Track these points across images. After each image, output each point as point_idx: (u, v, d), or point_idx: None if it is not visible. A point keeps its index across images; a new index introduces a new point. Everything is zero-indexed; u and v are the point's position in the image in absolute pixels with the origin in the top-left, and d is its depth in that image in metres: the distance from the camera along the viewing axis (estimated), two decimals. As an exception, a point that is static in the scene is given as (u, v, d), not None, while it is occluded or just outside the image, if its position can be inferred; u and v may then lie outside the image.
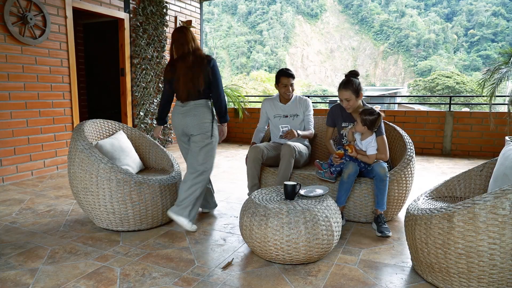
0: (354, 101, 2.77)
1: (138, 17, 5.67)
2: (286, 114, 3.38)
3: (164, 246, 2.43)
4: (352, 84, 2.75)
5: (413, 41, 75.70)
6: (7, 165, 4.03)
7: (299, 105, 3.37)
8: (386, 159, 2.73)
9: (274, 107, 3.42)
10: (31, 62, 4.20)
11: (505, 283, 1.67)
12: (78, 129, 2.79)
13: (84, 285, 1.93)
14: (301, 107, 3.37)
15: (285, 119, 3.37)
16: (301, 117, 3.37)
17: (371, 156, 2.68)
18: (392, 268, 2.13)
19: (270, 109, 3.43)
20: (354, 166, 2.66)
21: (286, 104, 3.38)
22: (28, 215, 3.00)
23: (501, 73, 4.93)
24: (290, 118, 3.37)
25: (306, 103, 3.38)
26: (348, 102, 2.79)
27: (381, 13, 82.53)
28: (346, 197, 2.71)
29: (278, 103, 3.41)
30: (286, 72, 3.29)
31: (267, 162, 3.20)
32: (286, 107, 3.38)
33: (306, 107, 3.37)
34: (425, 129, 6.00)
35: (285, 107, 3.38)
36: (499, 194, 1.62)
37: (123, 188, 2.51)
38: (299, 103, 3.38)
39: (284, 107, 3.38)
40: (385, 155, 2.73)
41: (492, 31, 69.82)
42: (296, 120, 3.36)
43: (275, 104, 3.42)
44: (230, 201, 3.42)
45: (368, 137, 2.70)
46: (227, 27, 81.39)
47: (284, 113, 3.38)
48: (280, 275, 2.04)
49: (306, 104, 3.37)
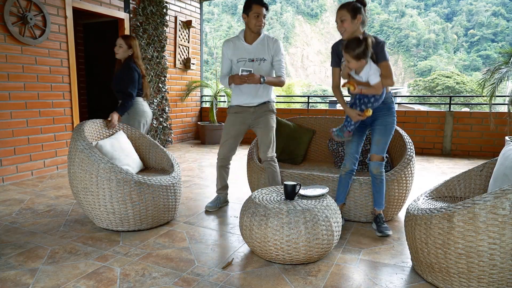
0: (349, 23, 2.38)
1: (138, 17, 5.67)
2: (252, 57, 2.83)
3: (164, 246, 2.43)
4: (349, 4, 2.39)
5: (413, 41, 75.67)
6: (7, 165, 4.03)
7: (267, 47, 2.83)
8: (392, 84, 2.40)
9: (238, 48, 2.86)
10: (31, 62, 4.20)
11: (505, 283, 1.67)
12: (78, 129, 2.79)
13: (84, 285, 1.93)
14: (270, 50, 2.84)
15: (250, 64, 2.83)
16: (268, 62, 2.85)
17: (377, 85, 2.36)
18: (392, 268, 2.13)
19: (233, 51, 2.87)
20: (350, 164, 2.63)
21: (252, 45, 2.83)
22: (28, 215, 3.00)
23: (501, 73, 4.93)
24: (256, 62, 2.83)
25: (277, 45, 2.84)
26: (343, 23, 2.40)
27: (381, 13, 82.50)
28: (344, 194, 2.71)
29: (242, 43, 2.85)
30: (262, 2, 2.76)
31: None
32: (252, 49, 2.83)
33: (276, 50, 2.84)
34: (425, 129, 5.99)
35: (251, 48, 2.83)
36: (499, 194, 1.62)
37: (123, 188, 2.51)
38: (267, 44, 2.84)
39: (250, 49, 2.83)
40: (391, 79, 2.38)
41: (492, 31, 69.80)
42: (263, 65, 2.84)
43: (239, 44, 2.86)
44: (230, 201, 3.42)
45: (365, 67, 2.38)
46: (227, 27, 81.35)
47: (249, 56, 2.83)
48: (280, 275, 2.04)
49: (276, 45, 2.84)
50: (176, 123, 6.89)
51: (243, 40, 2.86)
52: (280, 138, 3.53)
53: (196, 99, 7.54)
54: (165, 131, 6.31)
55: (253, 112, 2.92)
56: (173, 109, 6.72)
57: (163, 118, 6.23)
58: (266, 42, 2.85)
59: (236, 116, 2.96)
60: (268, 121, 2.92)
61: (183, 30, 6.82)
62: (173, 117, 6.75)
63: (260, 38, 2.84)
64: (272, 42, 2.85)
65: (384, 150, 2.57)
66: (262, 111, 2.92)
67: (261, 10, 2.75)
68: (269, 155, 2.92)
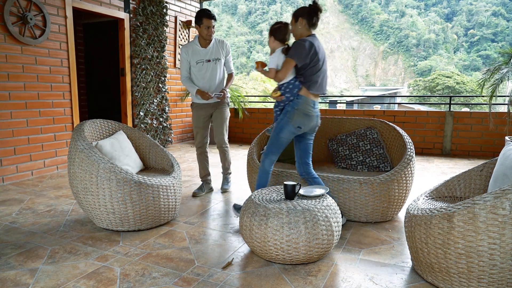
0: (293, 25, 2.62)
1: (138, 17, 5.67)
2: (209, 58, 3.37)
3: (164, 246, 2.43)
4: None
5: (413, 41, 75.66)
6: (7, 165, 4.03)
7: (219, 48, 3.40)
8: (277, 78, 2.58)
9: (195, 52, 3.37)
10: (31, 62, 4.20)
11: (505, 283, 1.67)
12: (78, 129, 2.79)
13: (84, 285, 1.93)
14: (223, 50, 3.42)
15: (207, 64, 3.37)
16: (222, 60, 3.43)
17: (269, 71, 2.60)
18: (392, 268, 2.13)
19: (192, 55, 3.36)
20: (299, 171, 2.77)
21: (207, 48, 3.37)
22: (28, 215, 3.00)
23: (501, 73, 4.93)
24: (212, 62, 3.38)
25: (227, 46, 3.45)
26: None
27: (381, 13, 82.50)
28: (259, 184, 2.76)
29: (198, 47, 3.37)
30: (208, 13, 3.26)
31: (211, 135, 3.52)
32: (207, 51, 3.37)
33: (227, 50, 3.45)
34: (425, 129, 5.99)
35: (207, 51, 3.37)
36: (499, 194, 1.62)
37: (123, 188, 2.51)
38: (219, 46, 3.40)
39: (205, 52, 3.37)
40: (280, 74, 2.55)
41: (492, 31, 69.78)
42: (218, 64, 3.40)
43: (195, 49, 3.37)
44: (230, 201, 3.42)
45: (275, 52, 2.60)
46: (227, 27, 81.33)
47: (206, 57, 3.37)
48: (280, 275, 2.04)
49: (226, 47, 3.45)
50: (176, 123, 6.89)
51: (199, 45, 3.38)
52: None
53: (196, 99, 7.54)
54: (165, 131, 6.31)
55: (212, 106, 3.54)
56: (173, 109, 6.72)
57: (163, 118, 6.23)
58: (217, 45, 3.42)
59: (199, 110, 3.54)
60: (224, 112, 3.57)
61: (183, 30, 6.82)
62: (173, 117, 6.75)
63: (212, 42, 3.40)
64: (222, 44, 3.44)
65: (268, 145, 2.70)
66: (220, 104, 3.56)
67: (210, 22, 3.27)
68: (224, 142, 3.65)
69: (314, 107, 2.63)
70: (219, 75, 3.46)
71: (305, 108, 2.58)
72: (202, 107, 3.52)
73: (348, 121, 3.55)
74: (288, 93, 2.60)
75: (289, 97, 2.60)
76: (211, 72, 3.41)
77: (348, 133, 3.43)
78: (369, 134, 3.30)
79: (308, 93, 2.59)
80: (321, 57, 2.59)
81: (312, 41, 2.54)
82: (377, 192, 2.74)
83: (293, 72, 2.60)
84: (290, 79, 2.60)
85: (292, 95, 2.59)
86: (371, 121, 3.44)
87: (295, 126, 2.60)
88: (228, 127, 3.81)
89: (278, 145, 2.67)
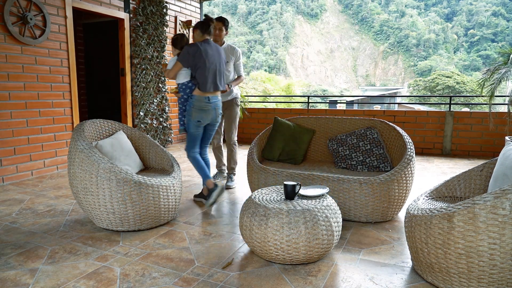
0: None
1: (138, 17, 5.67)
2: None
3: (164, 246, 2.43)
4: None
5: (413, 41, 75.69)
6: (7, 165, 4.03)
7: (229, 53, 3.76)
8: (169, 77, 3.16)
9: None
10: (31, 62, 4.20)
11: (505, 283, 1.67)
12: (78, 129, 2.79)
13: (84, 285, 1.93)
14: (233, 56, 3.77)
15: None
16: (231, 64, 3.78)
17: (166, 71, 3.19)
18: (392, 268, 2.13)
19: None
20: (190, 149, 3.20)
21: None
22: (28, 215, 3.00)
23: (500, 73, 4.93)
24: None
25: (237, 52, 3.80)
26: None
27: (381, 13, 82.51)
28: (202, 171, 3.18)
29: None
30: (219, 17, 3.66)
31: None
32: None
33: (237, 56, 3.80)
34: (425, 129, 5.99)
35: None
36: (499, 194, 1.62)
37: (123, 188, 2.51)
38: (230, 51, 3.78)
39: None
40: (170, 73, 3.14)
41: (492, 31, 69.80)
42: (227, 66, 3.73)
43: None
44: (230, 201, 3.42)
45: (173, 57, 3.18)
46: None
47: None
48: (280, 275, 2.04)
49: (236, 53, 3.79)
50: (176, 123, 6.89)
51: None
52: (280, 138, 3.54)
53: (196, 99, 7.53)
54: (165, 131, 6.31)
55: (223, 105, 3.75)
56: (173, 109, 6.73)
57: (163, 118, 6.23)
58: (228, 50, 3.77)
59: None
60: (232, 112, 3.93)
61: (183, 30, 6.82)
62: (173, 117, 6.75)
63: (224, 46, 3.76)
64: (233, 50, 3.79)
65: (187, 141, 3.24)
66: (229, 104, 3.90)
67: (218, 24, 3.65)
68: (233, 139, 3.97)
69: (209, 102, 3.14)
70: (228, 76, 3.78)
71: (199, 105, 3.11)
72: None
73: (348, 121, 3.55)
74: (182, 92, 3.19)
75: (184, 96, 3.19)
76: None
77: (348, 133, 3.43)
78: (369, 134, 3.30)
79: (200, 92, 3.11)
80: (210, 59, 3.10)
81: (199, 45, 3.07)
82: (377, 192, 2.74)
83: (188, 75, 3.16)
84: (185, 81, 3.17)
85: (185, 94, 3.18)
86: (371, 121, 3.44)
87: (195, 121, 3.13)
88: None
89: (193, 139, 3.22)
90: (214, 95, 3.19)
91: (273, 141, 3.55)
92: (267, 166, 3.21)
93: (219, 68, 3.18)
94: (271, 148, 3.54)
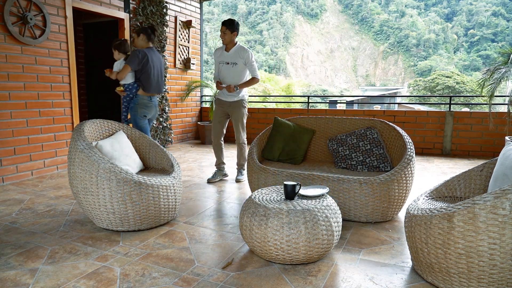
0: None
1: (138, 17, 5.67)
2: (228, 61, 3.88)
3: (164, 246, 2.43)
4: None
5: (413, 41, 75.65)
6: (7, 165, 4.03)
7: (239, 55, 3.84)
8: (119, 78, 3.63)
9: (221, 54, 3.94)
10: (31, 62, 4.20)
11: (505, 283, 1.67)
12: (78, 129, 2.79)
13: (84, 285, 1.93)
14: (241, 58, 3.84)
15: (226, 66, 3.89)
16: (240, 66, 3.84)
17: (113, 73, 3.65)
18: (392, 268, 2.13)
19: (218, 56, 3.97)
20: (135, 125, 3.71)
21: (229, 52, 3.88)
22: (28, 215, 3.00)
23: (500, 73, 4.93)
24: (230, 65, 3.87)
25: (247, 54, 3.84)
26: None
27: (381, 13, 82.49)
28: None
29: (224, 51, 3.94)
30: (223, 21, 3.82)
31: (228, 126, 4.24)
32: (228, 55, 3.88)
33: (246, 58, 3.84)
34: (425, 129, 5.99)
35: (228, 54, 3.89)
36: (499, 194, 1.62)
37: (123, 188, 2.51)
38: (239, 53, 3.85)
39: (227, 55, 3.89)
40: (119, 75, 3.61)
41: (492, 31, 69.77)
42: (235, 67, 3.85)
43: (222, 52, 3.95)
44: (230, 201, 3.42)
45: (118, 61, 3.64)
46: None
47: (226, 60, 3.89)
48: (280, 275, 2.04)
49: (246, 55, 3.84)
50: (176, 123, 6.89)
51: (224, 49, 3.93)
52: (280, 138, 3.54)
53: (196, 99, 7.54)
54: (165, 131, 6.31)
55: (229, 105, 4.01)
56: (173, 109, 6.73)
57: (163, 118, 6.23)
58: (238, 51, 3.86)
59: (218, 105, 4.09)
60: (238, 112, 4.01)
61: (183, 30, 6.82)
62: (173, 117, 6.75)
63: (234, 48, 3.88)
64: (242, 52, 3.84)
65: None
66: (235, 105, 3.99)
67: (221, 28, 3.82)
68: (241, 139, 4.08)
69: (151, 100, 3.78)
70: (236, 77, 3.89)
71: (143, 102, 3.72)
72: (220, 103, 4.04)
73: (348, 121, 3.55)
74: (128, 91, 3.72)
75: (129, 94, 3.72)
76: (228, 73, 3.90)
77: (348, 133, 3.43)
78: (369, 134, 3.30)
79: (144, 93, 3.71)
80: (154, 65, 3.67)
81: (146, 52, 3.60)
82: (377, 192, 2.74)
83: (133, 77, 3.69)
84: (131, 82, 3.69)
85: (131, 93, 3.72)
86: (371, 121, 3.44)
87: (141, 115, 3.73)
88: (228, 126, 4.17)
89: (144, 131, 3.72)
90: (155, 95, 3.83)
91: (273, 141, 3.55)
92: (267, 166, 3.21)
93: (160, 73, 3.81)
94: (271, 148, 3.54)
